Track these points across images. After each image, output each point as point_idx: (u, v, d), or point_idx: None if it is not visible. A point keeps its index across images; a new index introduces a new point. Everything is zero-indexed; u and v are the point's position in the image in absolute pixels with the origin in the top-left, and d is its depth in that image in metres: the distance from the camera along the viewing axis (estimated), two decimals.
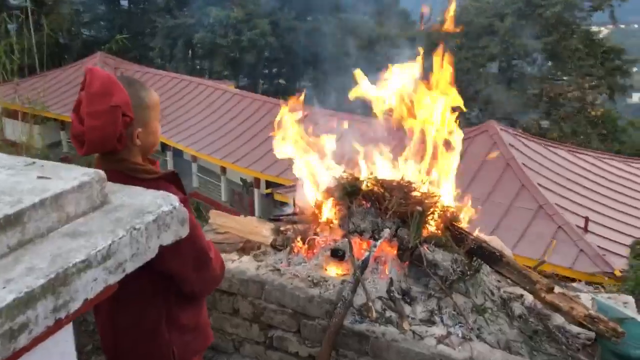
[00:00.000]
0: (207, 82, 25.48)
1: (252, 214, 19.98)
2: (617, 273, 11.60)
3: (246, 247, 3.24)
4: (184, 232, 1.38)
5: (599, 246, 12.81)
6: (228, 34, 29.83)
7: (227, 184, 21.98)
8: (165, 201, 1.34)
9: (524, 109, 27.16)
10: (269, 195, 18.44)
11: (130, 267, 1.22)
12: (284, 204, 18.12)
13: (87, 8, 35.65)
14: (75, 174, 1.26)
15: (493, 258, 2.88)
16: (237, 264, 3.01)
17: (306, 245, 3.13)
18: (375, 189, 3.09)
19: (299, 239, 3.20)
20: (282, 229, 3.41)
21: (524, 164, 15.38)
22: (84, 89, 1.88)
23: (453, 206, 3.22)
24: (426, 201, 3.03)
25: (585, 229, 13.50)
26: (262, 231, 3.39)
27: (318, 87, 32.26)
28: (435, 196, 3.14)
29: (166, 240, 1.32)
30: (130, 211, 1.28)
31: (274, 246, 3.29)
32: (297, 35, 31.58)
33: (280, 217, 3.60)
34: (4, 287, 0.99)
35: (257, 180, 20.30)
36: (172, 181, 1.98)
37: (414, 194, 3.08)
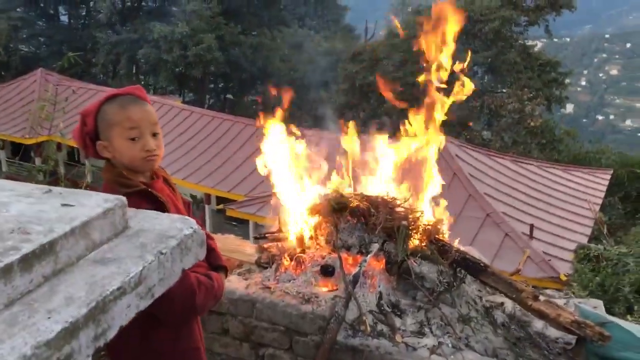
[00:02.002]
0: (153, 98, 25.06)
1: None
2: (563, 277, 12.05)
3: (227, 266, 3.23)
4: (203, 254, 1.39)
5: (544, 252, 13.26)
6: (173, 49, 29.49)
7: None
8: (185, 224, 1.35)
9: (467, 121, 27.94)
10: (220, 212, 18.27)
11: (158, 292, 1.23)
12: (236, 219, 18.01)
13: (25, 24, 34.54)
14: (97, 201, 1.26)
15: (478, 269, 2.99)
16: (225, 283, 2.98)
17: (294, 262, 3.15)
18: (361, 205, 3.16)
19: (286, 256, 3.22)
20: (265, 246, 3.43)
21: (470, 174, 15.82)
22: None
23: (435, 220, 3.33)
24: (410, 216, 3.13)
25: (531, 236, 13.97)
26: (246, 249, 3.39)
27: (266, 102, 32.26)
28: (418, 211, 3.24)
29: (187, 263, 1.34)
30: (153, 236, 1.29)
31: (259, 264, 3.30)
32: (243, 50, 31.55)
33: (266, 235, 3.61)
34: (48, 318, 0.99)
35: (208, 196, 20.10)
36: (144, 196, 1.99)
37: (399, 209, 3.17)
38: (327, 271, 3.05)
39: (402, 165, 3.63)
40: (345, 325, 2.80)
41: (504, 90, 28.91)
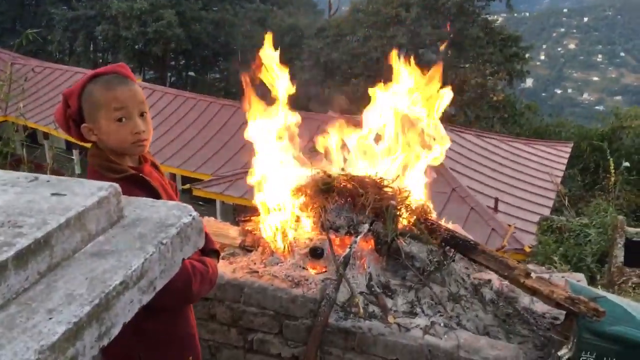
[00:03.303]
0: None
1: None
2: (527, 249, 12.32)
3: (218, 250, 3.14)
4: (202, 242, 1.32)
5: (508, 224, 13.53)
6: (132, 25, 28.61)
7: None
8: (183, 212, 1.28)
9: None
10: (186, 192, 18.01)
11: (159, 285, 1.16)
12: (202, 199, 17.80)
13: None
14: (91, 189, 1.18)
15: (468, 247, 2.99)
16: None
17: (283, 244, 3.09)
18: (349, 185, 3.11)
19: (275, 237, 3.13)
20: (249, 229, 3.35)
21: None
22: None
23: (422, 199, 3.31)
24: (398, 195, 3.10)
25: (496, 209, 14.22)
26: (229, 232, 3.31)
27: (229, 79, 31.77)
28: (406, 190, 3.21)
29: (187, 253, 1.26)
30: (151, 225, 1.21)
31: (243, 247, 3.23)
32: (204, 26, 30.85)
33: (251, 218, 3.52)
34: (50, 318, 0.91)
35: (173, 176, 19.77)
36: (135, 182, 1.92)
37: (386, 189, 3.14)
38: (316, 253, 3.01)
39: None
40: (336, 308, 2.77)
41: (467, 66, 29.08)
